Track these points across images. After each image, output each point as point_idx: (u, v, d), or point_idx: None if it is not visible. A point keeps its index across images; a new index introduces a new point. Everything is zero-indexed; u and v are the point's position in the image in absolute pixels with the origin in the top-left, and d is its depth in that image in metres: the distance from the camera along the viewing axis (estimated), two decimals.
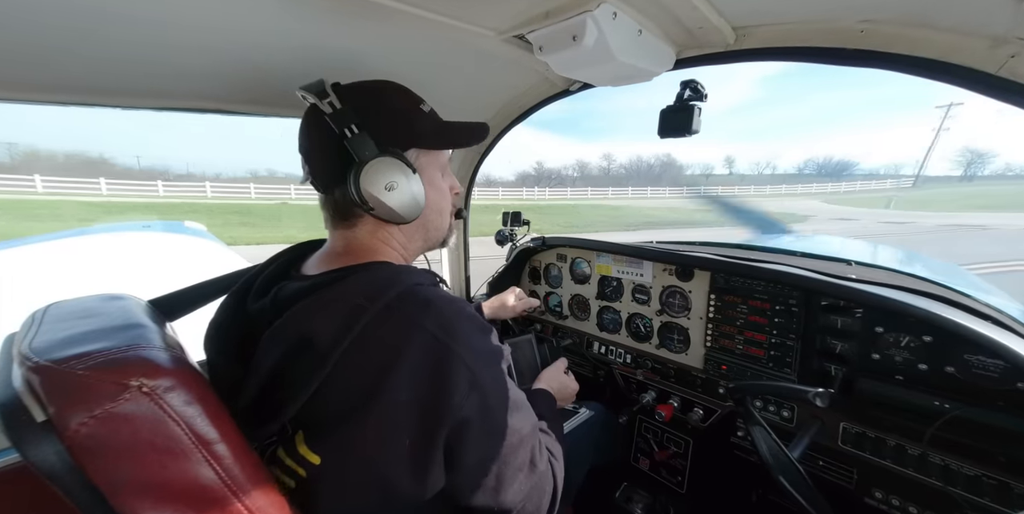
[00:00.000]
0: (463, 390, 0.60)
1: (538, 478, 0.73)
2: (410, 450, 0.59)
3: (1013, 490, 0.90)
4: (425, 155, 0.77)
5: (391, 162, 0.70)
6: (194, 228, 3.38)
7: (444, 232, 0.86)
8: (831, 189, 64.34)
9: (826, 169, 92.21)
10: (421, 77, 1.14)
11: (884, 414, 1.06)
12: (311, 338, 0.60)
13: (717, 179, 73.33)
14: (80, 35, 0.72)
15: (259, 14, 0.76)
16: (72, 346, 0.47)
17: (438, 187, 0.81)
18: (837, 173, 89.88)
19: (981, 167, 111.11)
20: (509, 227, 1.91)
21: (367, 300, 0.61)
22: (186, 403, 0.48)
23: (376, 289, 0.63)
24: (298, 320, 0.62)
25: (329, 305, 0.62)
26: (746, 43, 0.90)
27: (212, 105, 1.01)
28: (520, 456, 0.69)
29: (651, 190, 47.06)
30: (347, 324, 0.59)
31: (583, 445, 1.29)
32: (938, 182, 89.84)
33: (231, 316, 0.75)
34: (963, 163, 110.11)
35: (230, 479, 0.48)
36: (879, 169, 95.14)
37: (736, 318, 1.35)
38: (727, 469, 1.46)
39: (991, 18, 0.62)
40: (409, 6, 0.77)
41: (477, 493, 0.66)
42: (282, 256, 0.83)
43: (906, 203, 39.85)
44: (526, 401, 0.75)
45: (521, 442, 0.70)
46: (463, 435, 0.61)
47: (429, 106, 0.78)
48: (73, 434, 0.42)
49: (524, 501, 0.71)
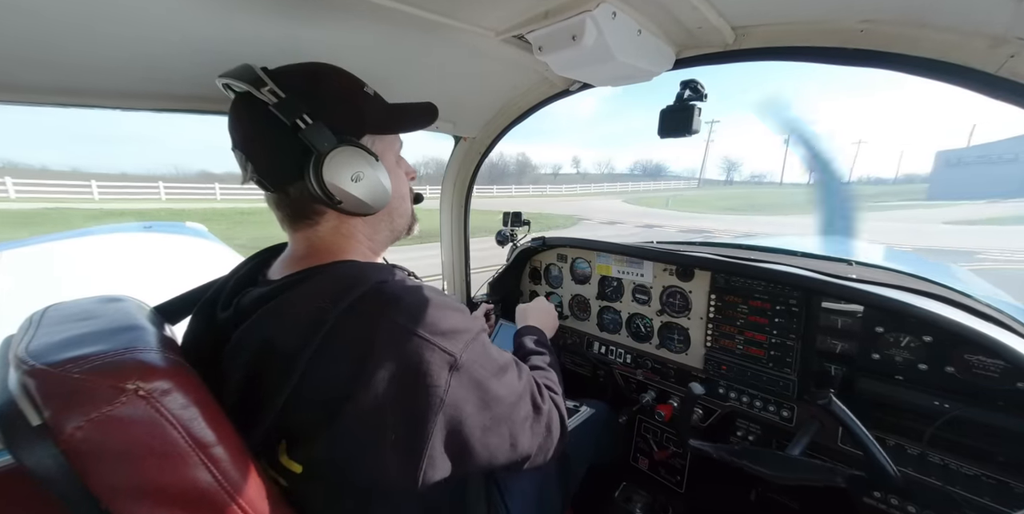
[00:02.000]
0: (444, 374, 0.58)
1: (546, 418, 0.76)
2: (396, 446, 0.57)
3: (1012, 489, 0.90)
4: (380, 141, 0.74)
5: (353, 151, 0.66)
6: (195, 229, 3.38)
7: (408, 218, 0.83)
8: (643, 188, 68.04)
9: (648, 170, 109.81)
10: (420, 77, 1.14)
11: (884, 414, 1.06)
12: (274, 345, 0.58)
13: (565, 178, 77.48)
14: (79, 36, 0.72)
15: (255, 15, 0.75)
16: (69, 349, 0.47)
17: (396, 173, 0.78)
18: (656, 174, 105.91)
19: (736, 173, 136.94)
20: (509, 227, 1.91)
21: (330, 302, 0.58)
22: (183, 406, 0.47)
23: (340, 290, 0.60)
24: (260, 328, 0.60)
25: (290, 310, 0.60)
26: (745, 43, 0.90)
27: (212, 106, 1.00)
28: (522, 409, 0.71)
29: (497, 188, 47.02)
30: (311, 329, 0.57)
31: (585, 443, 1.29)
32: (714, 184, 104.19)
33: (204, 328, 0.72)
34: (725, 169, 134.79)
35: (227, 483, 0.48)
36: (683, 172, 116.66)
37: (736, 318, 1.35)
38: (726, 469, 1.45)
39: (991, 18, 0.61)
40: (408, 6, 0.77)
41: (497, 458, 0.67)
42: (249, 262, 0.80)
43: (682, 202, 41.00)
44: (510, 358, 0.74)
45: (520, 397, 0.71)
46: (461, 417, 0.60)
47: (372, 89, 0.74)
48: (69, 438, 0.42)
49: (539, 442, 0.74)
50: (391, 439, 0.57)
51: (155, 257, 2.74)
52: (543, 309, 1.30)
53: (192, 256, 2.83)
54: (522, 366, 0.77)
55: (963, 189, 41.18)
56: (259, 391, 0.60)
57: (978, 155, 44.73)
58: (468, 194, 1.78)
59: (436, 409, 0.58)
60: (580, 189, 60.46)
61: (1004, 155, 43.07)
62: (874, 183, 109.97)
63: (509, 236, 1.92)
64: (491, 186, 48.62)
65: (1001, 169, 42.34)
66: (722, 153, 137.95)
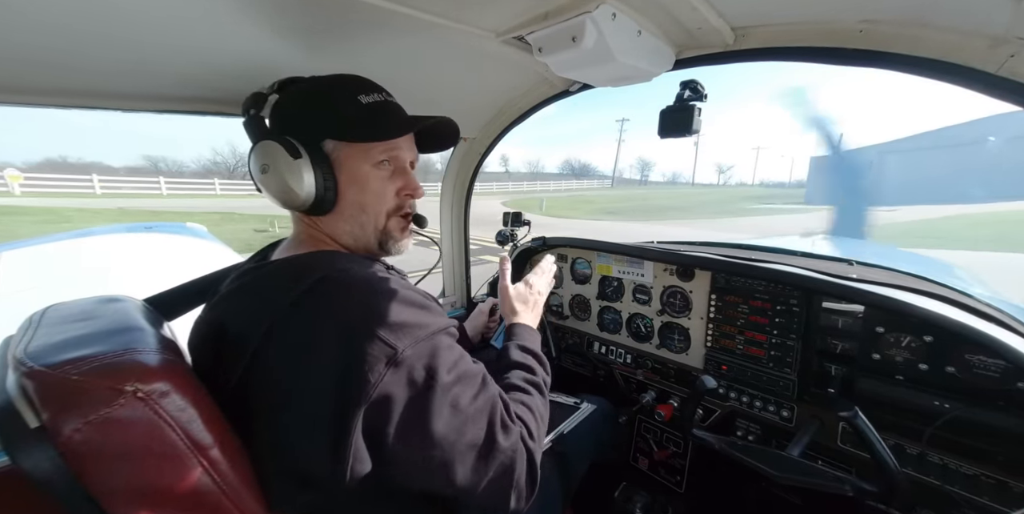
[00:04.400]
0: (379, 367, 0.55)
1: (503, 457, 0.65)
2: (324, 434, 0.56)
3: (1011, 489, 0.90)
4: (345, 147, 0.72)
5: (271, 145, 0.69)
6: (196, 229, 3.38)
7: (375, 233, 0.78)
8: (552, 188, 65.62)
9: (576, 170, 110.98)
10: (421, 79, 1.14)
11: (884, 414, 1.06)
12: (225, 328, 0.61)
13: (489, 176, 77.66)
14: (80, 38, 0.72)
15: (256, 18, 0.75)
16: (67, 350, 0.47)
17: (360, 182, 0.74)
18: (581, 174, 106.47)
19: (648, 173, 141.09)
20: (510, 227, 1.91)
21: (282, 288, 0.60)
22: (181, 408, 0.47)
23: (296, 274, 0.62)
24: (215, 310, 0.63)
25: (245, 292, 0.63)
26: (745, 43, 0.90)
27: (212, 107, 1.00)
28: (468, 434, 0.62)
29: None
30: (261, 309, 0.59)
31: (585, 441, 1.28)
32: (629, 184, 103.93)
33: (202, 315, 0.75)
34: (638, 169, 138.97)
35: (225, 484, 0.48)
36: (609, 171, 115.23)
37: (737, 318, 1.35)
38: (726, 469, 1.45)
39: (990, 18, 0.61)
40: (409, 8, 0.77)
41: (420, 476, 0.61)
42: (263, 251, 0.83)
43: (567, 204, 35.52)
44: (476, 372, 0.68)
45: (469, 420, 0.62)
46: (385, 413, 0.57)
47: (376, 98, 0.74)
48: (67, 440, 0.42)
49: (486, 482, 0.64)
50: (321, 425, 0.56)
51: (155, 257, 2.75)
52: (519, 296, 1.08)
53: (192, 256, 2.83)
54: (488, 384, 0.68)
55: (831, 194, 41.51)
56: (222, 375, 0.61)
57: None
58: (468, 194, 1.78)
59: (362, 403, 0.55)
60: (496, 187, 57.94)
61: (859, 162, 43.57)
62: (773, 186, 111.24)
63: (509, 236, 1.92)
64: None
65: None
66: (636, 153, 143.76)
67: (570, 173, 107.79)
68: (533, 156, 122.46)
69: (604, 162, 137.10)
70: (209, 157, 61.37)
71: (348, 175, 0.73)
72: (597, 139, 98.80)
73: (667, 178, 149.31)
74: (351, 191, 0.74)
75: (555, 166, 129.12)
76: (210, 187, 30.99)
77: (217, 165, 58.31)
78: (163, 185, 27.66)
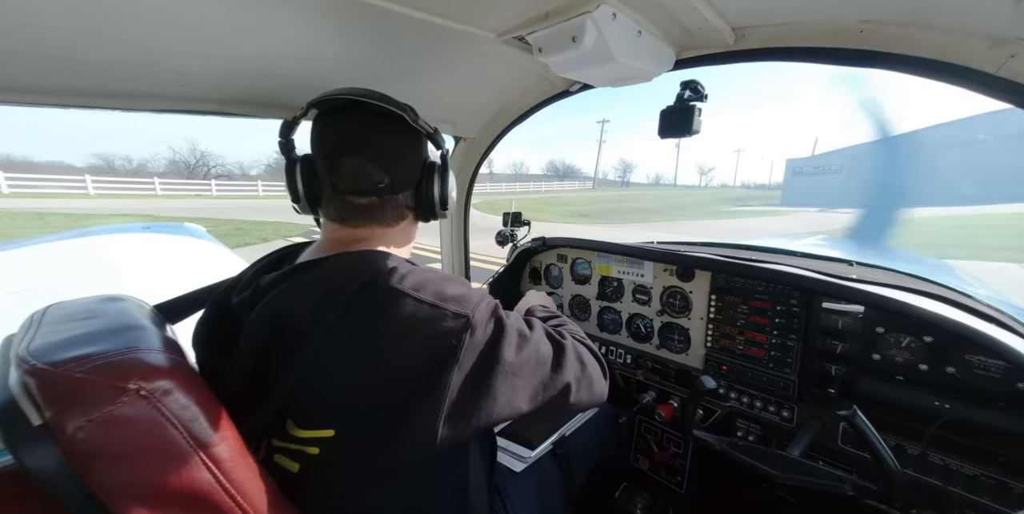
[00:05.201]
0: (456, 333, 0.62)
1: (572, 351, 0.77)
2: (415, 406, 0.60)
3: (1012, 490, 0.90)
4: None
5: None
6: (194, 229, 3.38)
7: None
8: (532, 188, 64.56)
9: (560, 171, 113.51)
10: (421, 79, 1.14)
11: (884, 414, 1.06)
12: (287, 320, 0.61)
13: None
14: (82, 37, 0.72)
15: (257, 17, 0.76)
16: (70, 348, 0.47)
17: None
18: (565, 175, 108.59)
19: (630, 175, 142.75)
20: (509, 227, 1.91)
21: (347, 278, 0.62)
22: (184, 406, 0.48)
23: (357, 268, 0.65)
24: (275, 303, 0.63)
25: (305, 286, 0.63)
26: (745, 44, 0.90)
27: (212, 107, 1.00)
28: (543, 350, 0.72)
29: None
30: (327, 301, 0.60)
31: (587, 444, 1.28)
32: (612, 185, 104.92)
33: (217, 312, 0.75)
34: (620, 170, 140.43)
35: (228, 482, 0.48)
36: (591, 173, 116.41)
37: (737, 318, 1.35)
38: (726, 469, 1.45)
39: (990, 18, 0.62)
40: (409, 9, 0.77)
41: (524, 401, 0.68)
42: (273, 254, 0.82)
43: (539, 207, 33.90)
44: (520, 316, 0.76)
45: (539, 342, 0.72)
46: (481, 365, 0.63)
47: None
48: (70, 438, 0.42)
49: (575, 375, 0.75)
50: (410, 401, 0.59)
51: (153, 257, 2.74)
52: (541, 299, 1.28)
53: (190, 257, 2.83)
54: (533, 319, 0.79)
55: (805, 197, 42.68)
56: (270, 368, 0.62)
57: (814, 165, 46.21)
58: (468, 194, 1.79)
59: (452, 365, 0.61)
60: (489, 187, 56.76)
61: (831, 166, 44.55)
62: (755, 188, 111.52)
63: (509, 236, 1.92)
64: None
65: (828, 179, 43.86)
66: (618, 155, 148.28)
67: (554, 175, 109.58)
68: (518, 157, 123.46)
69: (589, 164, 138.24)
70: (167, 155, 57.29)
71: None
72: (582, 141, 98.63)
73: (651, 179, 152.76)
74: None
75: (540, 168, 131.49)
76: (149, 186, 28.05)
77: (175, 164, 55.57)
78: (89, 184, 24.26)
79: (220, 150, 69.77)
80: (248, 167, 71.23)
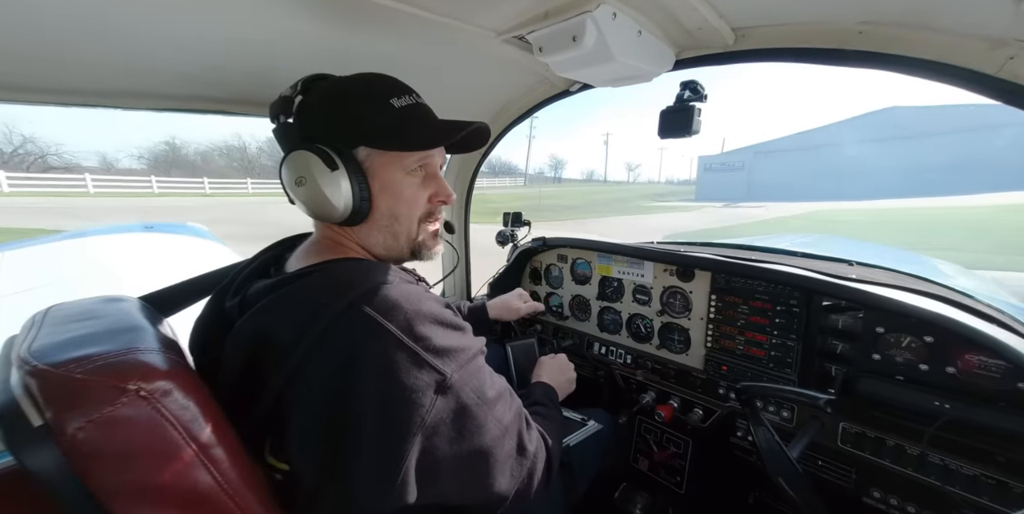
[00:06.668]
0: (430, 395, 0.57)
1: (530, 463, 0.70)
2: (369, 463, 0.55)
3: (1012, 489, 0.90)
4: (380, 155, 0.70)
5: (306, 156, 0.65)
6: (196, 229, 3.38)
7: (408, 242, 0.77)
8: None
9: (496, 169, 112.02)
10: (421, 77, 1.13)
11: (884, 414, 1.06)
12: (269, 337, 0.58)
13: None
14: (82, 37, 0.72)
15: (258, 15, 0.76)
16: (71, 349, 0.47)
17: (394, 191, 0.72)
18: (502, 172, 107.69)
19: (562, 171, 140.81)
20: (510, 228, 1.91)
21: (329, 298, 0.57)
22: (183, 407, 0.48)
23: (339, 287, 0.59)
24: (257, 318, 0.60)
25: (289, 302, 0.60)
26: (745, 44, 0.90)
27: (212, 106, 1.00)
28: (507, 445, 0.66)
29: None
30: (307, 322, 0.56)
31: (590, 455, 1.28)
32: (544, 181, 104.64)
33: (212, 315, 0.74)
34: (552, 167, 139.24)
35: (227, 483, 0.48)
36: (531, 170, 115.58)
37: (737, 319, 1.35)
38: (726, 470, 1.45)
39: (990, 20, 0.62)
40: (410, 7, 0.77)
41: (470, 491, 0.64)
42: (267, 252, 0.81)
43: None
44: (505, 387, 0.71)
45: (506, 431, 0.66)
46: (440, 442, 0.58)
47: (408, 101, 0.71)
48: (70, 439, 0.42)
49: (518, 487, 0.69)
50: (365, 454, 0.55)
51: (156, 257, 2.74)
52: (560, 368, 1.18)
53: (193, 256, 2.83)
54: (514, 397, 0.73)
55: (714, 192, 44.80)
56: (255, 383, 0.60)
57: (721, 162, 48.37)
58: (468, 194, 1.79)
59: (415, 429, 0.56)
60: None
61: (735, 163, 46.56)
62: (679, 184, 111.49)
63: (509, 236, 1.92)
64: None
65: (734, 176, 45.94)
66: (548, 151, 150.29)
67: (489, 171, 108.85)
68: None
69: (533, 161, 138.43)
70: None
71: (381, 183, 0.70)
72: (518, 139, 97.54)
73: (585, 175, 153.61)
74: (384, 200, 0.72)
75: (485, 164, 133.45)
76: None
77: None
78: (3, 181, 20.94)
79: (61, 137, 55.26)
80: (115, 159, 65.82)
